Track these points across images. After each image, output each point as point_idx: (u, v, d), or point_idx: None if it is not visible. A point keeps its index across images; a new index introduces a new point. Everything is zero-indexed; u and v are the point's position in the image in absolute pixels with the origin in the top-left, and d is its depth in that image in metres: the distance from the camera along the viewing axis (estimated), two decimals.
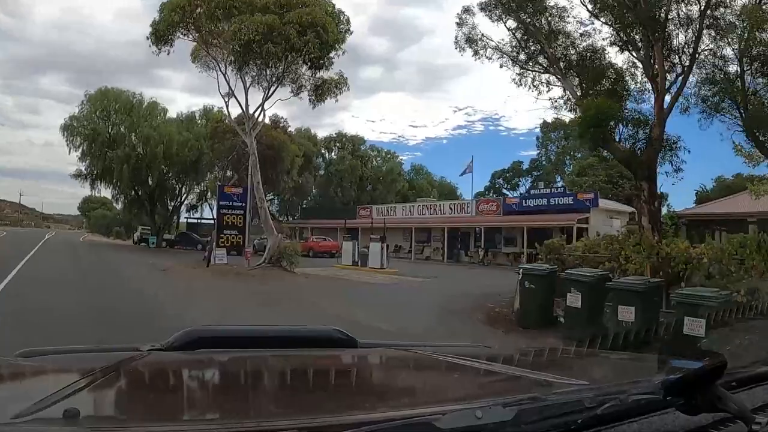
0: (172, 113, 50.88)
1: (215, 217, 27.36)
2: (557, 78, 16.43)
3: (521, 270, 12.66)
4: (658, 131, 14.26)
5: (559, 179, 66.49)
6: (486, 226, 37.35)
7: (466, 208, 40.78)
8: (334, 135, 65.48)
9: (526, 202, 36.96)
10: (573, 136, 75.61)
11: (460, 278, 25.57)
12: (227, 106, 26.62)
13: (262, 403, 1.50)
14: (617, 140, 14.87)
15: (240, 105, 25.54)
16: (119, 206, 59.76)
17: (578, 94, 16.12)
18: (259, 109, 25.69)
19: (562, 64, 16.38)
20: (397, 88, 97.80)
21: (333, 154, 64.75)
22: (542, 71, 17.08)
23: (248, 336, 1.91)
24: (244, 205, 27.26)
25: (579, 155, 74.48)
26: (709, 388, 1.16)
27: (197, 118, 50.21)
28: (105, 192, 53.11)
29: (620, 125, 14.80)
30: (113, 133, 45.77)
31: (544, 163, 76.88)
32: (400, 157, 69.89)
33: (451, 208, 42.02)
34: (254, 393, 1.59)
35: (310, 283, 20.69)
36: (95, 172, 47.03)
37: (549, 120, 75.96)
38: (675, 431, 1.21)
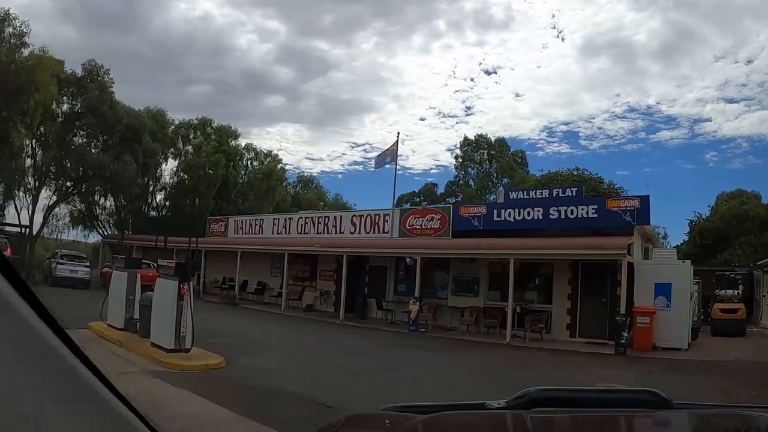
0: None
1: None
2: None
3: None
4: None
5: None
6: (422, 255, 19.80)
7: (381, 224, 23.07)
8: (196, 121, 46.11)
9: (500, 215, 19.69)
10: (499, 157, 63.45)
11: None
12: None
13: None
14: None
15: None
16: None
17: None
18: None
19: None
20: (297, 120, 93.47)
21: (189, 147, 45.31)
22: None
23: (579, 397, 2.03)
24: None
25: (506, 180, 60.23)
26: None
27: None
28: None
29: None
30: None
31: (462, 184, 61.90)
32: (283, 163, 51.29)
33: (354, 224, 24.12)
34: None
35: None
36: None
37: (471, 137, 62.95)
38: None
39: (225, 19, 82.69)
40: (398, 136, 24.13)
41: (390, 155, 23.73)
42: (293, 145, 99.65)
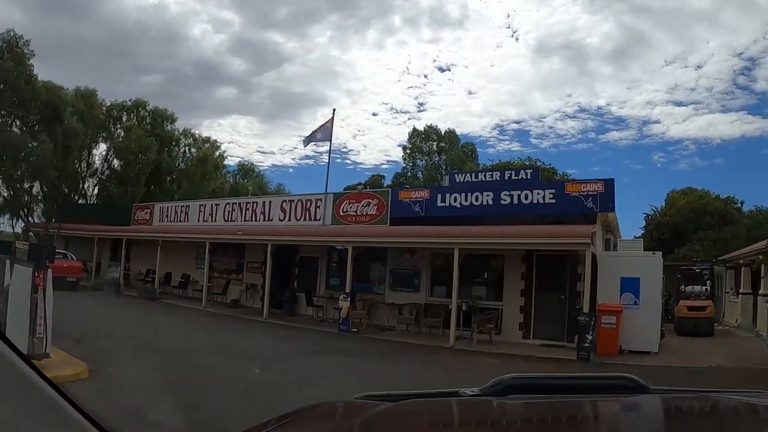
0: None
1: None
2: None
3: None
4: None
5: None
6: (355, 244, 17.37)
7: (314, 211, 20.50)
8: (129, 102, 42.50)
9: (444, 200, 17.39)
10: (449, 149, 61.44)
11: None
12: None
13: None
14: None
15: None
16: None
17: None
18: None
19: None
20: (249, 112, 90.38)
21: (120, 130, 41.72)
22: None
23: (554, 384, 1.99)
24: None
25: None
26: None
27: None
28: None
29: None
30: None
31: (410, 176, 59.33)
32: (222, 150, 47.97)
33: (284, 210, 21.48)
34: None
35: None
36: None
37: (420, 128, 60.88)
38: None
39: (179, 7, 78.91)
40: (334, 113, 21.37)
41: (322, 132, 21.09)
42: (244, 138, 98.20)
